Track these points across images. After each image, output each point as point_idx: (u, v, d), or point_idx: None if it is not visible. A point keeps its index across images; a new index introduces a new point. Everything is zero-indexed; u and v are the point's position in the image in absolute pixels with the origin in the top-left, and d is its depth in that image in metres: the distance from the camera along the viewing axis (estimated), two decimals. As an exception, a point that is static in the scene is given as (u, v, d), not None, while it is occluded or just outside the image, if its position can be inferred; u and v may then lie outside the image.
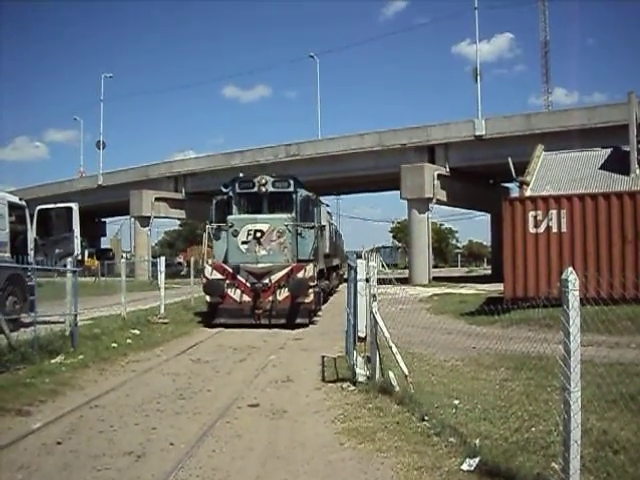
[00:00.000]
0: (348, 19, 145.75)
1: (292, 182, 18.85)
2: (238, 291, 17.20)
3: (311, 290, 17.34)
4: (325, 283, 22.83)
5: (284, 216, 17.98)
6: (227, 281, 17.25)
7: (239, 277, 17.21)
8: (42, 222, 16.65)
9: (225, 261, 17.91)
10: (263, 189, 18.45)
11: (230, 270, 17.29)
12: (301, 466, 5.68)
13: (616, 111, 29.46)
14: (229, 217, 18.09)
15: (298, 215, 18.46)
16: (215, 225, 18.64)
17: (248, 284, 17.13)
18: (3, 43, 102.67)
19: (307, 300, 17.22)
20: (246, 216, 18.18)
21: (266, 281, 17.08)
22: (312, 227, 18.74)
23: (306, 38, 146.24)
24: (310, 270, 17.28)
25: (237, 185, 18.93)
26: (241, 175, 19.93)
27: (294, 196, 18.66)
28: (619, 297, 10.21)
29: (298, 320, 17.12)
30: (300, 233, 18.28)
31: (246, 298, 17.13)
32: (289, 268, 17.20)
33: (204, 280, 17.88)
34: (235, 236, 17.52)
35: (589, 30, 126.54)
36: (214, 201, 19.29)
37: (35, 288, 12.99)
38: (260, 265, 17.19)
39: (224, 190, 18.95)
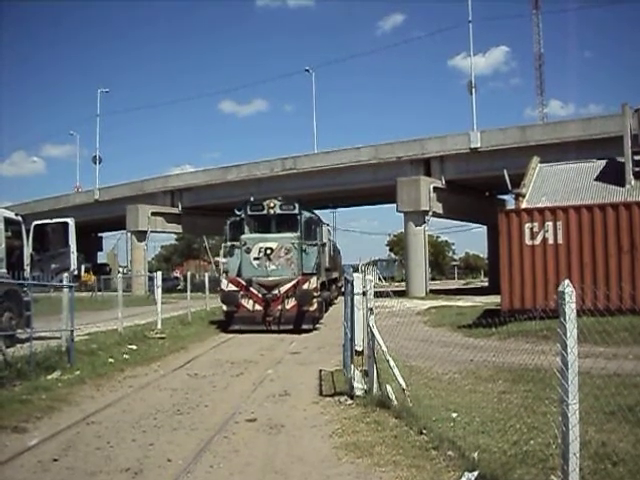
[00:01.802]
0: (346, 33, 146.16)
1: (297, 205, 20.98)
2: (251, 301, 19.49)
3: (315, 300, 19.63)
4: (326, 294, 24.65)
5: (290, 235, 20.18)
6: (241, 292, 19.53)
7: (252, 289, 19.48)
8: (38, 237, 16.60)
9: (239, 275, 20.17)
10: (271, 211, 20.68)
11: (244, 283, 19.59)
12: (299, 481, 5.66)
13: (611, 122, 29.59)
14: (242, 236, 20.38)
15: (302, 234, 20.61)
16: (229, 243, 21.18)
17: (260, 295, 19.44)
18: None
19: (312, 308, 19.48)
20: (258, 235, 20.46)
21: (275, 292, 19.38)
22: (315, 244, 21.09)
23: (304, 51, 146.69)
24: (314, 282, 19.67)
25: (248, 208, 21.02)
26: (252, 199, 21.84)
27: (299, 217, 20.78)
28: (616, 308, 10.25)
29: (304, 326, 19.33)
30: (304, 250, 20.51)
31: (258, 307, 19.42)
32: (295, 280, 19.51)
33: (221, 292, 20.26)
34: (248, 253, 19.87)
35: (585, 42, 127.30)
36: (228, 222, 21.48)
37: (31, 304, 12.91)
38: (270, 278, 19.53)
39: (237, 212, 21.20)
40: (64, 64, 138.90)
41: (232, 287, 19.68)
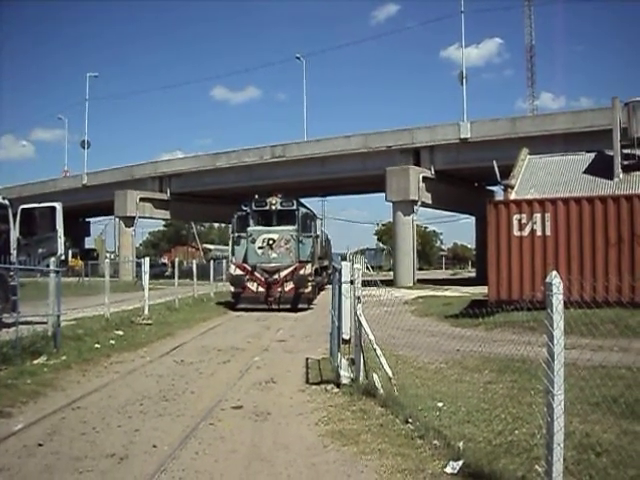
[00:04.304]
0: (340, 22, 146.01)
1: (295, 202, 24.10)
2: (255, 284, 22.85)
3: (309, 283, 23.13)
4: (319, 279, 27.77)
5: (290, 228, 23.51)
6: (247, 276, 22.90)
7: (256, 273, 22.85)
8: (25, 222, 16.45)
9: (245, 261, 23.40)
10: (273, 207, 23.86)
11: (249, 268, 23.00)
12: (284, 468, 5.66)
13: (600, 116, 29.64)
14: (249, 229, 23.69)
15: (300, 227, 23.78)
16: (236, 234, 24.44)
17: (262, 278, 22.77)
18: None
19: (307, 291, 23.03)
20: (262, 228, 23.77)
21: (276, 276, 22.68)
22: (310, 236, 24.39)
23: (298, 40, 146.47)
24: (309, 268, 23.26)
25: (253, 204, 24.16)
26: (256, 197, 24.53)
27: (296, 213, 23.92)
28: (602, 300, 10.31)
29: (300, 305, 22.63)
30: (301, 241, 23.63)
31: (261, 289, 22.78)
32: (293, 267, 22.88)
33: (230, 275, 24.13)
34: (253, 243, 23.24)
35: (577, 35, 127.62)
36: (235, 216, 24.69)
37: (18, 288, 12.81)
38: (272, 264, 22.87)
39: (243, 208, 24.35)
40: (56, 49, 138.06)
41: (239, 272, 23.08)
